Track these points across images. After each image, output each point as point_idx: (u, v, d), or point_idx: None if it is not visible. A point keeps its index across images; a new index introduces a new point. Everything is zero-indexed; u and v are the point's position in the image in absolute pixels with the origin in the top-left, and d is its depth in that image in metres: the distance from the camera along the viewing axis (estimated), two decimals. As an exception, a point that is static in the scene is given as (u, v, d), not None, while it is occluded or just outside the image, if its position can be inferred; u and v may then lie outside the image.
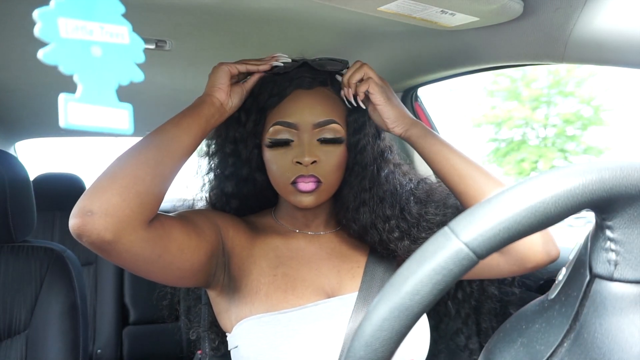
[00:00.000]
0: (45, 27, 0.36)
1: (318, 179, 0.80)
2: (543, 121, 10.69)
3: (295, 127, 0.81)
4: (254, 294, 0.81)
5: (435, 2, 0.75)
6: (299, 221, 0.90)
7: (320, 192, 0.81)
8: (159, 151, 0.68)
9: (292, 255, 0.86)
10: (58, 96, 0.37)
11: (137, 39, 0.40)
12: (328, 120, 0.81)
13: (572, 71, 9.80)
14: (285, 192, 0.83)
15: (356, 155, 0.85)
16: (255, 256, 0.84)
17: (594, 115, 9.99)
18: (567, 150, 10.42)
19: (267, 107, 0.84)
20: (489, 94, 10.93)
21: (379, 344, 0.33)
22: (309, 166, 0.79)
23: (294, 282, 0.82)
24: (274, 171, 0.83)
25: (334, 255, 0.88)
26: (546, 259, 0.77)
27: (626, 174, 0.31)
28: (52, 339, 1.09)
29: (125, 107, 0.40)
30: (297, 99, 0.82)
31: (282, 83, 0.83)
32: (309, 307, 0.79)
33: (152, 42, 1.05)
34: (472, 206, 0.34)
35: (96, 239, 0.61)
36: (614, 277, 0.34)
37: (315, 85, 0.84)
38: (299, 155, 0.79)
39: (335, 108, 0.84)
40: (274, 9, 0.91)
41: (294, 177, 0.80)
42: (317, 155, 0.80)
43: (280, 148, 0.82)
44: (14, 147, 2.20)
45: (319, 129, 0.81)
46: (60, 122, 0.37)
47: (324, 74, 0.85)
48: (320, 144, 0.81)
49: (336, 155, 0.82)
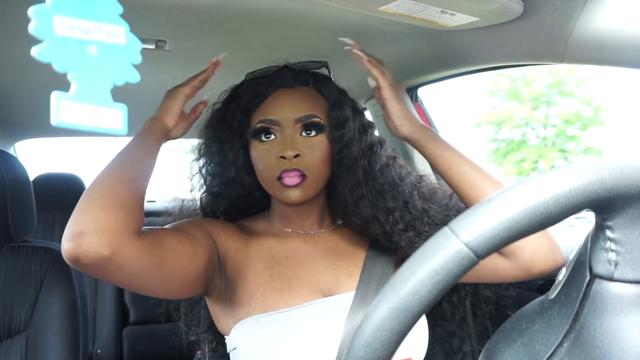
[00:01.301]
0: (40, 25, 0.36)
1: (302, 172, 0.81)
2: (543, 121, 10.69)
3: (277, 124, 0.83)
4: (250, 295, 0.81)
5: (435, 2, 0.75)
6: (292, 220, 0.90)
7: (306, 185, 0.82)
8: (131, 170, 0.71)
9: (288, 254, 0.86)
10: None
11: (134, 39, 0.40)
12: (309, 115, 0.83)
13: (572, 71, 9.80)
14: (272, 189, 0.84)
15: (342, 149, 0.85)
16: (250, 258, 0.85)
17: (594, 115, 9.98)
18: (567, 151, 10.41)
19: (250, 107, 0.86)
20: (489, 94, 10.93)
21: (379, 344, 0.33)
22: (292, 160, 0.80)
23: (290, 281, 0.82)
24: (260, 169, 0.85)
25: (330, 254, 0.88)
26: (553, 265, 0.77)
27: (626, 174, 0.31)
28: (52, 339, 1.09)
29: (119, 107, 0.39)
30: (278, 98, 0.85)
31: (264, 83, 0.86)
32: (306, 306, 0.79)
33: (152, 42, 1.05)
34: (472, 206, 0.34)
35: (94, 256, 0.62)
36: (614, 277, 0.34)
37: (297, 85, 0.86)
38: (282, 149, 0.81)
39: (317, 105, 0.85)
40: (274, 9, 0.92)
41: (279, 172, 0.81)
42: (300, 149, 0.81)
43: (264, 144, 0.83)
44: (14, 147, 2.20)
45: (301, 124, 0.83)
46: (52, 119, 0.37)
47: (306, 75, 0.87)
48: (303, 138, 0.83)
49: (319, 149, 0.83)
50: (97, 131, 0.39)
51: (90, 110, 0.38)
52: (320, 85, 0.88)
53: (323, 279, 0.84)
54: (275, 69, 0.87)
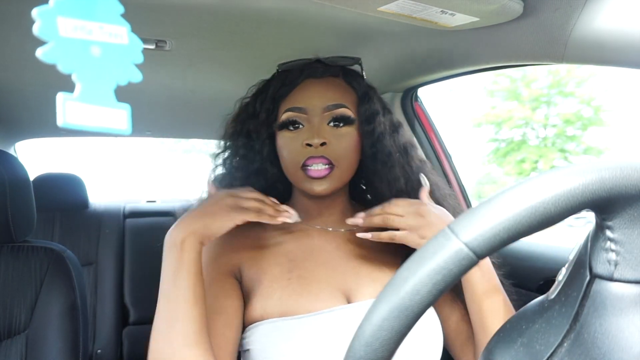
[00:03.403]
0: (44, 26, 0.36)
1: (329, 161, 0.79)
2: (543, 121, 10.69)
3: (305, 112, 0.81)
4: (265, 298, 0.78)
5: (435, 2, 0.75)
6: (313, 216, 0.87)
7: (333, 177, 0.80)
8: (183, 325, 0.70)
9: (307, 256, 0.84)
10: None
11: (135, 39, 0.40)
12: (338, 104, 0.82)
13: (572, 71, 9.80)
14: (296, 178, 0.82)
15: (375, 143, 0.84)
16: (264, 267, 0.82)
17: (594, 115, 9.99)
18: (567, 151, 10.42)
19: (279, 96, 0.85)
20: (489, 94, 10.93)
21: (379, 344, 0.33)
22: (318, 148, 0.79)
23: (309, 284, 0.79)
24: (285, 157, 0.83)
25: (352, 256, 0.85)
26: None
27: (626, 174, 0.31)
28: (52, 339, 1.09)
29: (123, 107, 0.40)
30: (307, 87, 0.83)
31: (294, 73, 0.85)
32: (326, 313, 0.76)
33: (152, 42, 1.05)
34: (473, 206, 0.34)
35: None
36: (614, 277, 0.34)
37: (327, 75, 0.85)
38: (308, 137, 0.79)
39: (346, 96, 0.84)
40: (274, 9, 0.92)
41: (304, 160, 0.79)
42: (327, 137, 0.79)
43: (291, 132, 0.82)
44: (14, 147, 2.20)
45: (329, 113, 0.81)
46: (58, 121, 0.37)
47: (336, 68, 0.86)
48: (330, 127, 0.81)
49: (347, 139, 0.81)
50: (102, 131, 0.39)
51: (95, 111, 0.38)
52: (349, 77, 0.87)
53: (344, 282, 0.81)
54: (306, 61, 0.86)
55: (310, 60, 0.86)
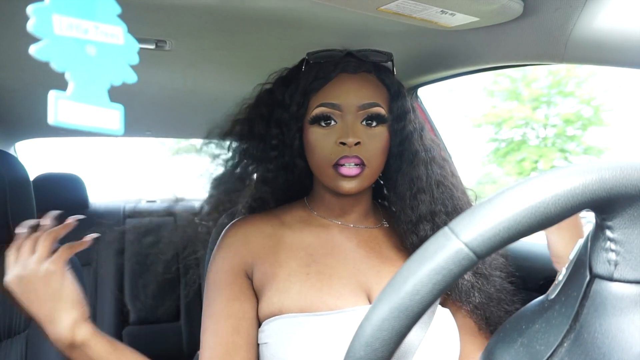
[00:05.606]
0: (38, 23, 0.36)
1: (362, 161, 0.78)
2: (543, 121, 10.69)
3: (339, 109, 0.80)
4: (282, 293, 0.77)
5: (435, 2, 0.75)
6: (335, 212, 0.86)
7: (363, 177, 0.79)
8: None
9: (327, 251, 0.82)
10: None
11: (131, 40, 0.40)
12: (372, 103, 0.80)
13: (572, 71, 9.80)
14: (325, 176, 0.80)
15: (403, 141, 0.83)
16: (280, 261, 0.81)
17: (594, 115, 9.99)
18: (567, 150, 10.42)
19: (311, 89, 0.82)
20: (489, 94, 10.94)
21: (379, 344, 0.33)
22: (352, 147, 0.77)
23: (329, 280, 0.78)
24: (316, 153, 0.80)
25: (373, 255, 0.83)
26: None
27: (626, 174, 0.31)
28: (52, 339, 1.08)
29: (116, 107, 0.40)
30: (342, 82, 0.81)
31: (328, 67, 0.82)
32: (349, 312, 0.74)
33: (152, 42, 1.05)
34: (473, 206, 0.34)
35: None
36: (614, 277, 0.34)
37: (360, 71, 0.83)
38: (342, 135, 0.78)
39: (379, 94, 0.83)
40: (274, 9, 0.91)
41: (337, 159, 0.77)
42: (361, 137, 0.78)
43: (323, 129, 0.80)
44: (14, 147, 2.20)
45: (363, 111, 0.80)
46: (49, 119, 0.37)
47: (369, 64, 0.85)
48: (364, 126, 0.80)
49: (379, 140, 0.80)
50: (94, 131, 0.39)
51: (87, 110, 0.38)
52: (382, 74, 0.85)
53: (365, 281, 0.79)
54: (338, 53, 0.84)
55: (341, 52, 0.84)
